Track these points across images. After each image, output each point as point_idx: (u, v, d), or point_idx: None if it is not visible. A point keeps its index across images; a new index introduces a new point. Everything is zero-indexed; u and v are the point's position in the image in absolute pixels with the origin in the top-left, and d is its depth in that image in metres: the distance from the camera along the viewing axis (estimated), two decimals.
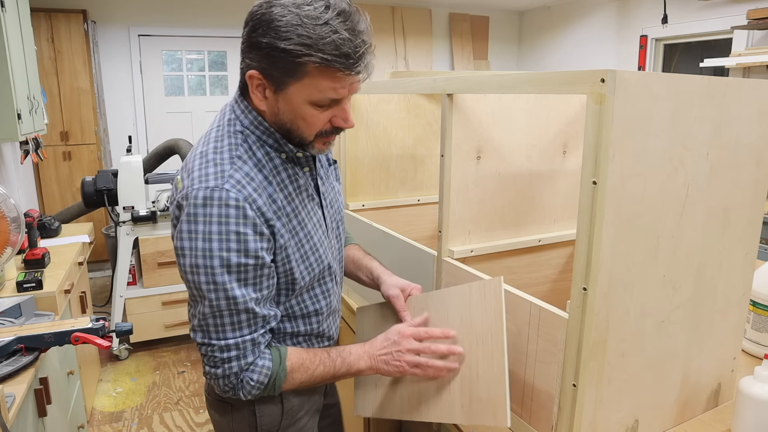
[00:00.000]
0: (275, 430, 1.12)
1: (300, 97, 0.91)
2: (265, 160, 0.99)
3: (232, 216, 0.90)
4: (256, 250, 0.93)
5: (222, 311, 0.94)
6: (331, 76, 0.88)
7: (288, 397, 1.12)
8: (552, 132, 1.50)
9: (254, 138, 0.99)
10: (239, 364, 0.97)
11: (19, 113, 2.46)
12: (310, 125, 0.95)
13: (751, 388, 1.03)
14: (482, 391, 1.02)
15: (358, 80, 0.92)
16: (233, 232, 0.91)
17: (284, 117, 0.96)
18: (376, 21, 5.38)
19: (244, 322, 0.96)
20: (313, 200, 1.08)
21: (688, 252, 1.02)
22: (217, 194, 0.90)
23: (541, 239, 1.55)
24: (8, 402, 1.29)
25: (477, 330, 1.05)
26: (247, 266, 0.93)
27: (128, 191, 3.11)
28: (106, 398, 2.89)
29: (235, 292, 0.93)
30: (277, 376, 1.00)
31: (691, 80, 0.93)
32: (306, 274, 1.04)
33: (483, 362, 1.03)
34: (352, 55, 0.86)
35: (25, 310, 1.83)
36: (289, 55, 0.86)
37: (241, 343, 0.96)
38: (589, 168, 0.87)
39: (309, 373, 1.03)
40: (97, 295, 4.23)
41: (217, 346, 0.96)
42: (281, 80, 0.91)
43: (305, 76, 0.88)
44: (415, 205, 2.10)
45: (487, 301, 1.05)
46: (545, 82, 0.97)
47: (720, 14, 3.99)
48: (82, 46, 4.28)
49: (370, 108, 1.94)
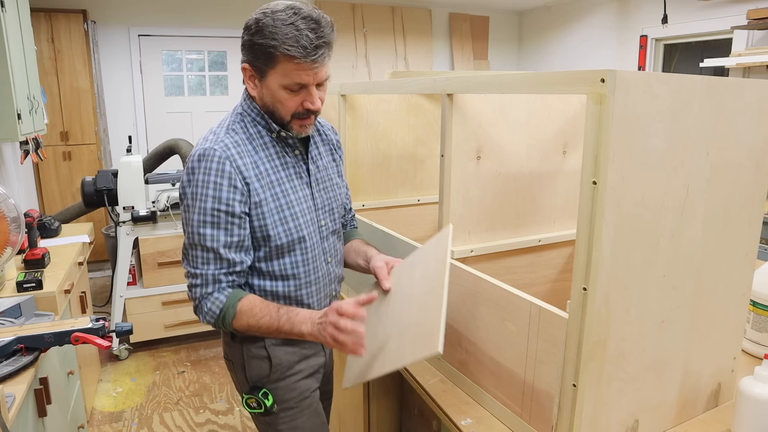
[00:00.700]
0: (264, 381, 1.29)
1: (275, 83, 1.15)
2: (257, 136, 1.22)
3: (213, 169, 1.14)
4: (228, 199, 1.14)
5: (195, 245, 1.16)
6: (294, 63, 1.11)
7: (275, 354, 1.28)
8: (552, 132, 1.50)
9: (249, 119, 1.23)
10: (201, 292, 1.18)
11: (19, 113, 2.46)
12: (285, 107, 1.17)
13: (751, 388, 1.03)
14: (424, 329, 1.04)
15: (316, 68, 1.12)
16: (211, 182, 1.14)
17: (267, 100, 1.19)
18: (376, 21, 5.38)
19: (211, 260, 1.16)
20: (301, 179, 1.26)
21: (688, 252, 1.02)
22: (208, 152, 1.15)
23: (541, 239, 1.55)
24: (8, 402, 1.29)
25: (429, 273, 1.13)
26: (219, 211, 1.14)
27: (128, 191, 3.11)
28: (106, 398, 2.89)
29: (206, 231, 1.15)
30: (227, 312, 1.17)
31: (691, 80, 0.93)
32: (283, 236, 1.21)
33: (429, 303, 1.06)
34: (308, 47, 1.09)
35: (25, 310, 1.83)
36: (263, 48, 1.11)
37: (205, 275, 1.17)
38: (589, 168, 0.87)
39: (255, 320, 1.17)
40: (97, 295, 4.23)
41: (190, 273, 1.19)
42: (262, 69, 1.15)
43: (277, 64, 1.12)
44: (415, 205, 2.10)
45: (438, 250, 1.15)
46: (545, 82, 0.97)
47: (720, 14, 3.99)
48: (82, 46, 4.28)
49: (370, 108, 1.94)
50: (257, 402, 1.28)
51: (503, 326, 1.14)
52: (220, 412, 2.76)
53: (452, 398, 1.28)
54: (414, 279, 1.20)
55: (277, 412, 1.29)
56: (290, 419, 1.31)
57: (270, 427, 1.32)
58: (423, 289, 1.14)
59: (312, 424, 1.34)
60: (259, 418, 1.32)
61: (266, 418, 1.31)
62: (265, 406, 1.27)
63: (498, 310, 1.15)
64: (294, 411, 1.31)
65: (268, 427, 1.33)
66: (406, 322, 1.13)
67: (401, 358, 1.09)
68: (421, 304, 1.11)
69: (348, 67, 5.30)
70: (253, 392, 1.28)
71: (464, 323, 1.27)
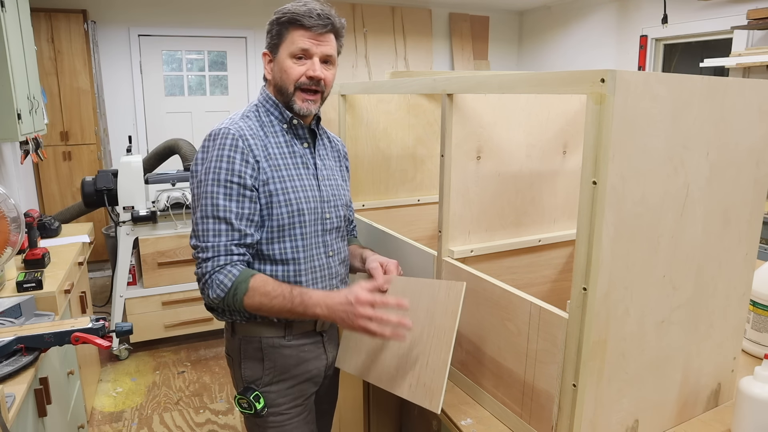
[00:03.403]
0: (258, 382, 1.30)
1: (284, 54, 1.24)
2: (269, 124, 1.29)
3: (227, 145, 1.19)
4: (240, 171, 1.19)
5: (208, 217, 1.18)
6: (302, 31, 1.21)
7: (271, 356, 1.29)
8: (552, 132, 1.50)
9: (264, 109, 1.30)
10: (212, 264, 1.18)
11: (19, 113, 2.46)
12: (289, 75, 1.24)
13: (751, 388, 1.03)
14: (427, 378, 1.16)
15: (321, 41, 1.23)
16: (225, 156, 1.19)
17: (277, 76, 1.27)
18: (376, 21, 5.38)
19: (222, 232, 1.18)
20: (308, 169, 1.31)
21: (688, 252, 1.02)
22: (222, 132, 1.21)
23: (541, 239, 1.55)
24: (8, 402, 1.29)
25: (436, 324, 1.19)
26: (232, 183, 1.18)
27: (128, 191, 3.11)
28: (106, 398, 2.89)
29: (219, 201, 1.18)
30: (239, 286, 1.17)
31: (691, 80, 0.93)
32: (285, 216, 1.24)
33: (433, 354, 1.17)
34: (314, 17, 1.20)
35: (25, 310, 1.83)
36: (277, 22, 1.24)
37: (217, 247, 1.18)
38: (589, 168, 0.87)
39: (268, 299, 1.17)
40: (97, 295, 4.23)
41: (200, 248, 1.19)
42: (275, 46, 1.25)
43: (286, 34, 1.23)
44: (415, 205, 2.10)
45: (449, 301, 1.18)
46: (545, 82, 0.97)
47: (720, 14, 3.99)
48: (82, 46, 4.28)
49: (370, 108, 1.94)
50: (248, 403, 1.28)
51: (503, 326, 1.14)
52: (220, 412, 2.76)
53: (452, 398, 1.28)
54: (419, 311, 1.22)
55: (266, 415, 1.30)
56: (278, 425, 1.31)
57: (258, 428, 1.33)
58: (428, 333, 1.20)
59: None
60: (249, 417, 1.33)
61: (256, 420, 1.32)
62: (255, 408, 1.28)
63: (498, 310, 1.15)
64: (283, 417, 1.31)
65: (257, 428, 1.33)
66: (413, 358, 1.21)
67: (399, 389, 1.21)
68: (428, 351, 1.18)
69: (348, 67, 5.30)
70: (245, 393, 1.29)
71: (464, 323, 1.27)
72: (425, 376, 1.17)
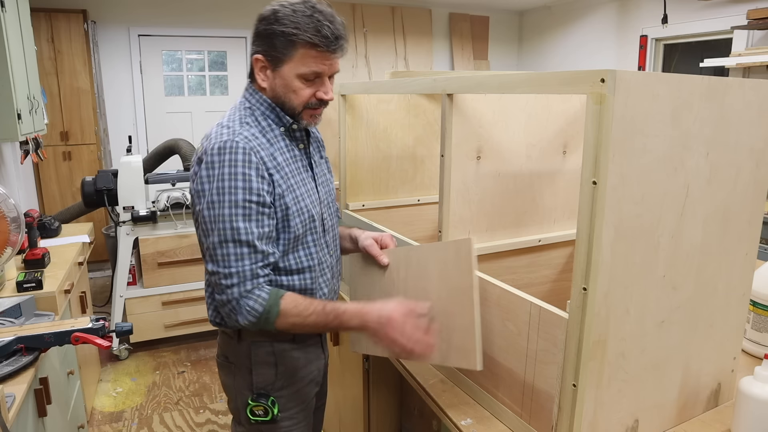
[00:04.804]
0: (269, 388, 1.26)
1: (291, 72, 1.16)
2: (268, 128, 1.21)
3: (239, 160, 1.11)
4: (259, 189, 1.12)
5: (227, 241, 1.11)
6: (315, 52, 1.13)
7: (282, 361, 1.26)
8: (552, 132, 1.50)
9: (259, 112, 1.22)
10: (239, 290, 1.11)
11: (19, 113, 2.45)
12: (299, 96, 1.18)
13: (751, 388, 1.03)
14: (457, 339, 1.15)
15: (336, 59, 1.17)
16: (240, 173, 1.10)
17: (279, 91, 1.19)
18: (376, 21, 5.38)
19: (245, 255, 1.11)
20: (307, 172, 1.27)
21: (688, 252, 1.02)
22: (229, 144, 1.12)
23: (541, 239, 1.55)
24: (8, 402, 1.29)
25: (452, 285, 1.17)
26: (251, 203, 1.11)
27: (128, 191, 3.11)
28: (106, 398, 2.89)
29: (239, 224, 1.10)
30: (271, 309, 1.12)
31: (691, 80, 0.93)
32: (300, 227, 1.21)
33: (458, 315, 1.15)
34: (329, 37, 1.12)
35: (25, 310, 1.83)
36: (284, 36, 1.12)
37: (242, 272, 1.11)
38: (589, 168, 0.87)
39: (302, 318, 1.13)
40: (97, 295, 4.23)
41: (222, 274, 1.11)
42: (278, 59, 1.15)
43: (295, 53, 1.13)
44: (415, 205, 2.10)
45: (459, 260, 1.15)
46: (545, 82, 0.97)
47: (720, 14, 3.99)
48: (82, 46, 4.28)
49: (370, 108, 1.94)
50: (264, 409, 1.24)
51: (503, 326, 1.14)
52: (220, 412, 2.76)
53: (452, 398, 1.28)
54: (430, 276, 1.21)
55: (279, 420, 1.27)
56: (287, 429, 1.29)
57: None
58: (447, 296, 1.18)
59: None
60: (254, 425, 1.27)
61: (268, 427, 1.27)
62: (272, 414, 1.24)
63: (498, 310, 1.15)
64: (292, 422, 1.30)
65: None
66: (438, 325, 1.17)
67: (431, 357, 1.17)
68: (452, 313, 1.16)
69: (348, 67, 5.30)
70: (260, 400, 1.24)
71: None
72: (456, 338, 1.15)
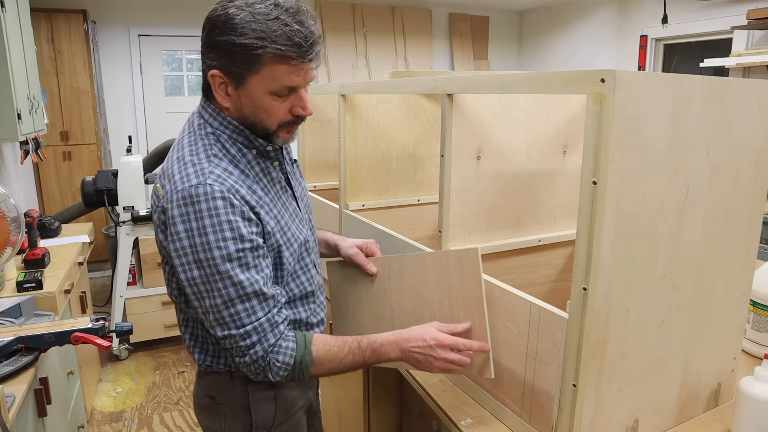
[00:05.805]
0: (269, 425, 1.14)
1: (259, 89, 0.97)
2: (239, 156, 1.04)
3: (220, 207, 0.95)
4: (249, 234, 0.98)
5: (233, 299, 0.97)
6: (286, 65, 0.94)
7: (282, 394, 1.15)
8: (552, 132, 1.50)
9: (225, 137, 1.04)
10: (263, 347, 1.00)
11: (19, 113, 2.46)
12: (271, 116, 1.01)
13: (751, 388, 1.03)
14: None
15: (311, 68, 0.98)
16: (225, 222, 0.95)
17: (247, 111, 1.01)
18: (376, 21, 5.38)
19: (256, 306, 0.99)
20: (287, 192, 1.14)
21: (688, 252, 1.02)
22: (201, 190, 0.95)
23: (541, 239, 1.55)
24: (8, 402, 1.29)
25: (457, 294, 1.15)
26: (245, 250, 0.97)
27: (128, 191, 3.11)
28: (106, 398, 2.89)
29: (240, 278, 0.97)
30: (303, 359, 1.02)
31: (691, 80, 0.93)
32: (291, 260, 1.10)
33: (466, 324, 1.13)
34: (303, 44, 0.94)
35: (25, 310, 1.83)
36: (245, 49, 0.92)
37: (259, 326, 0.99)
38: (589, 168, 0.87)
39: (338, 361, 1.06)
40: (97, 295, 4.23)
41: (237, 335, 0.99)
42: (241, 75, 0.96)
43: (262, 67, 0.94)
44: (415, 205, 2.10)
45: (465, 270, 1.13)
46: (545, 82, 0.97)
47: (720, 14, 3.99)
48: (82, 46, 4.28)
49: (370, 108, 1.94)
50: None
51: (503, 326, 1.14)
52: None
53: (452, 398, 1.28)
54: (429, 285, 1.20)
55: None
56: None
57: None
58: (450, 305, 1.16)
59: None
60: None
61: None
62: None
63: (498, 310, 1.15)
64: None
65: None
66: None
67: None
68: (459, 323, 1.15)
69: (348, 67, 5.30)
70: None
71: None
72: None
